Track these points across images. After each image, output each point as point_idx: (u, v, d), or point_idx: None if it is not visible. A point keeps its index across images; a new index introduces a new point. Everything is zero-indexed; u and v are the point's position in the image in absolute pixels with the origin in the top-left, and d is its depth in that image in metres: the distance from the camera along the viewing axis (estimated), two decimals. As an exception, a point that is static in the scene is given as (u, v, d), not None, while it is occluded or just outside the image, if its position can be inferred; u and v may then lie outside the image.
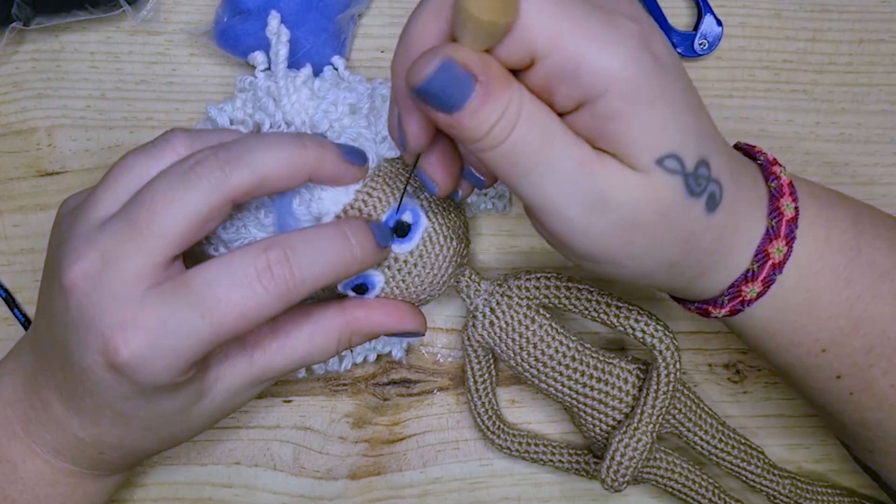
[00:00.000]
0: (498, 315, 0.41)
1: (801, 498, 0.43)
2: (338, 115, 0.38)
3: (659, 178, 0.29)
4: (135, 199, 0.32)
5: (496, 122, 0.27)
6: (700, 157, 0.30)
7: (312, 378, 0.45)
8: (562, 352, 0.40)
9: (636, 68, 0.27)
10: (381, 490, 0.45)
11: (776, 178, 0.34)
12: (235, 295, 0.31)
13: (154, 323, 0.30)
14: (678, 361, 0.40)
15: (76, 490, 0.37)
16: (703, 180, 0.30)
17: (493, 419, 0.43)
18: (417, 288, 0.38)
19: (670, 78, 0.28)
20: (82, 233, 0.32)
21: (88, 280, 0.31)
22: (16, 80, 0.45)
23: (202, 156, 0.32)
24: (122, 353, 0.30)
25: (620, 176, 0.28)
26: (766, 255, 0.33)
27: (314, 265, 0.32)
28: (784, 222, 0.33)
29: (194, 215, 0.31)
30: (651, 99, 0.28)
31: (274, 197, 0.36)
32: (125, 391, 0.32)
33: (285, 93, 0.39)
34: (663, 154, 0.28)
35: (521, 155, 0.28)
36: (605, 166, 0.28)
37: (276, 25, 0.39)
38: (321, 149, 0.33)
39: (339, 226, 0.34)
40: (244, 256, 0.31)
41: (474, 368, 0.42)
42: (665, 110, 0.28)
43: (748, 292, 0.34)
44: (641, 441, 0.40)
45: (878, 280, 0.35)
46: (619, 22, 0.27)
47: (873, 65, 0.46)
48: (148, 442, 0.36)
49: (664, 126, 0.28)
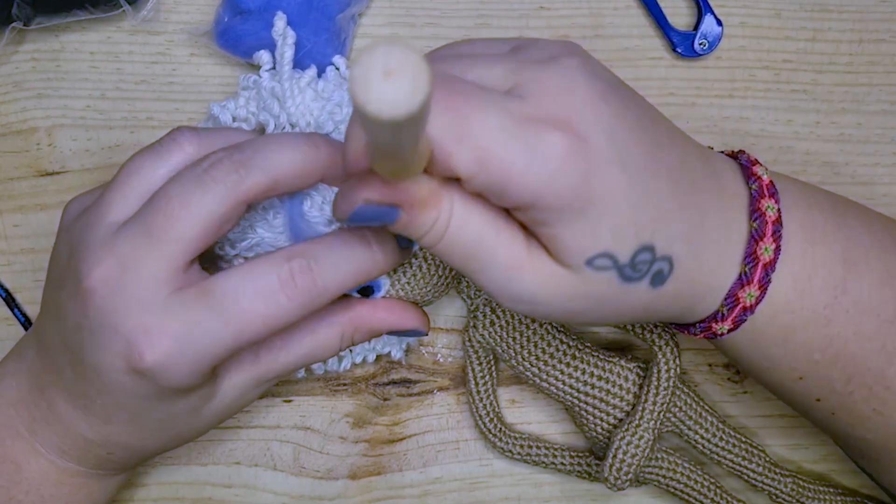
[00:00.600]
0: (499, 314, 0.41)
1: (803, 497, 0.43)
2: (343, 117, 0.38)
3: (590, 274, 0.29)
4: (150, 204, 0.32)
5: (428, 231, 0.28)
6: (639, 246, 0.29)
7: (312, 378, 0.45)
8: (562, 350, 0.40)
9: (562, 184, 0.27)
10: (381, 490, 0.45)
11: (761, 214, 0.33)
12: (259, 305, 0.31)
13: (179, 330, 0.31)
14: (678, 358, 0.40)
15: (80, 489, 0.37)
16: (644, 265, 0.30)
17: (494, 421, 0.43)
18: (422, 290, 0.38)
19: (608, 173, 0.28)
20: (98, 238, 0.32)
21: (108, 285, 0.31)
22: (16, 80, 0.45)
23: (216, 158, 0.32)
24: (146, 358, 0.31)
25: (550, 275, 0.29)
26: (735, 300, 0.32)
27: (337, 274, 0.32)
28: (760, 267, 0.32)
29: (210, 218, 0.31)
30: (580, 208, 0.28)
31: (284, 199, 0.36)
32: (141, 393, 0.32)
33: (290, 94, 0.38)
34: (593, 255, 0.29)
35: (456, 254, 0.29)
36: (534, 266, 0.29)
37: (282, 27, 0.39)
38: (333, 150, 0.33)
39: (362, 232, 0.34)
40: (267, 266, 0.32)
41: (475, 369, 0.42)
42: (595, 215, 0.28)
43: (718, 329, 0.33)
44: (643, 438, 0.40)
45: (862, 317, 0.34)
46: (544, 138, 0.27)
47: (873, 65, 0.46)
48: (155, 442, 0.36)
49: (594, 230, 0.28)
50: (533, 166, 0.26)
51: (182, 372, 0.31)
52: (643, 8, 0.45)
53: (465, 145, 0.26)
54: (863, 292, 0.34)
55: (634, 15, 0.46)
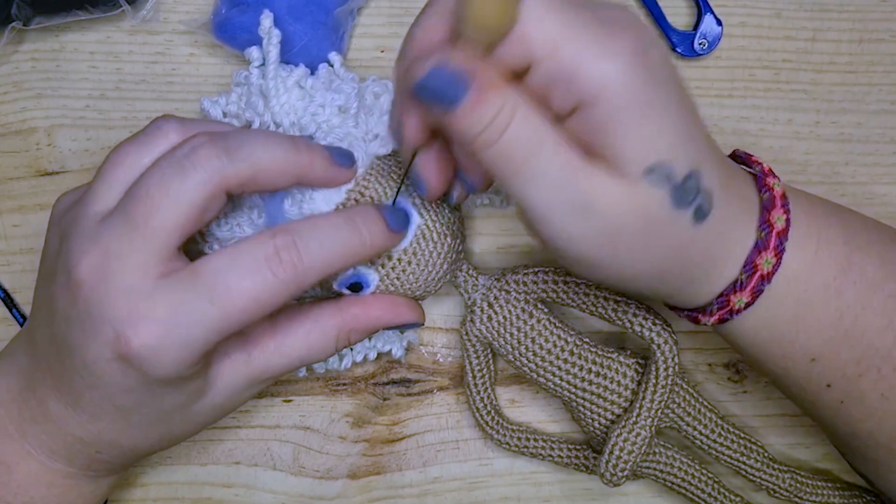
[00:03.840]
0: (496, 310, 0.41)
1: (801, 492, 0.43)
2: (326, 118, 0.39)
3: (645, 188, 0.29)
4: (131, 194, 0.32)
5: (489, 122, 0.28)
6: (690, 169, 0.30)
7: (312, 378, 0.45)
8: (560, 346, 0.41)
9: (629, 80, 0.28)
10: (381, 490, 0.45)
11: (769, 189, 0.34)
12: (245, 281, 0.31)
13: (165, 313, 0.31)
14: (676, 355, 0.40)
15: (71, 491, 0.37)
16: (692, 192, 0.30)
17: (491, 414, 0.43)
18: (413, 285, 0.38)
19: (665, 90, 0.29)
20: (83, 230, 0.32)
21: (94, 276, 0.31)
22: (15, 80, 0.45)
23: (197, 143, 0.32)
24: (133, 344, 0.31)
25: (606, 184, 0.29)
26: (754, 267, 0.33)
27: (322, 250, 0.32)
28: (774, 234, 0.33)
29: (191, 205, 0.31)
30: (642, 110, 0.28)
31: (265, 197, 0.36)
32: (130, 384, 0.32)
33: (275, 93, 0.39)
34: (651, 164, 0.29)
35: (512, 156, 0.29)
36: (591, 174, 0.29)
37: (267, 26, 0.39)
38: (311, 153, 0.34)
39: (349, 213, 0.34)
40: (252, 243, 0.32)
41: (473, 364, 0.42)
42: (656, 122, 0.29)
43: (736, 302, 0.34)
44: (640, 435, 0.40)
45: (869, 291, 0.35)
46: (616, 33, 0.28)
47: (873, 64, 0.46)
48: (146, 440, 0.36)
49: (654, 137, 0.29)
50: (604, 57, 0.27)
51: (170, 357, 0.31)
52: (643, 7, 0.45)
53: (541, 27, 0.27)
54: (867, 267, 0.35)
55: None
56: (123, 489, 0.45)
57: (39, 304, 0.36)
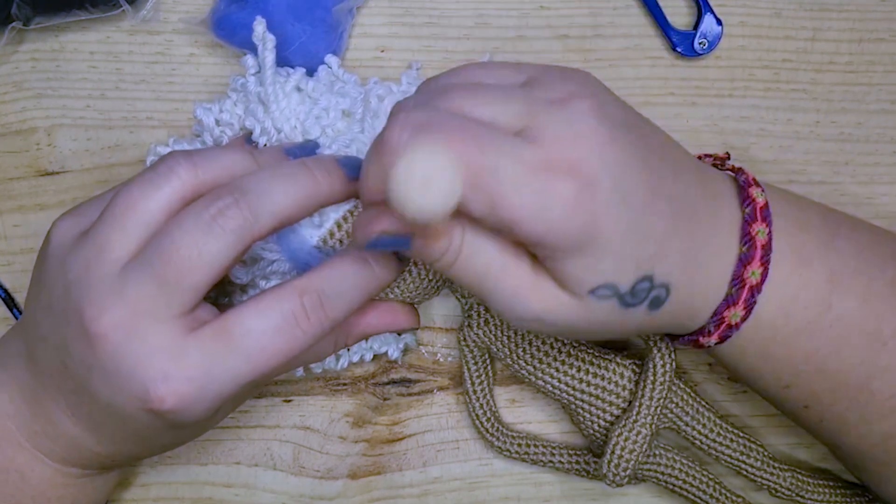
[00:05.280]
0: (493, 314, 0.41)
1: (802, 491, 0.43)
2: (330, 121, 0.38)
3: (592, 302, 0.30)
4: (157, 250, 0.31)
5: (439, 258, 0.30)
6: (639, 277, 0.31)
7: (312, 378, 0.45)
8: (557, 348, 0.41)
9: (567, 227, 0.28)
10: (381, 490, 0.45)
11: (751, 201, 0.34)
12: (278, 341, 0.32)
13: (198, 373, 0.31)
14: (673, 354, 0.40)
15: (84, 488, 0.38)
16: (643, 292, 0.31)
17: (491, 421, 0.43)
18: (411, 293, 0.38)
19: (612, 214, 0.29)
20: (102, 279, 0.32)
21: (120, 332, 0.31)
22: (15, 80, 0.45)
23: (223, 205, 0.31)
24: (167, 403, 0.31)
25: (556, 297, 0.30)
26: (721, 319, 0.34)
27: (344, 301, 0.34)
28: (746, 289, 0.34)
29: (221, 265, 0.32)
30: (584, 246, 0.29)
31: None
32: (157, 427, 0.33)
33: (274, 99, 0.39)
34: (595, 286, 0.30)
35: (468, 279, 0.31)
36: (540, 289, 0.30)
37: (261, 31, 0.39)
38: (329, 176, 0.34)
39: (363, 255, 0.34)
40: (281, 302, 0.32)
41: (471, 369, 0.43)
42: (599, 252, 0.29)
43: (705, 342, 0.35)
44: (640, 434, 0.40)
45: (844, 333, 0.35)
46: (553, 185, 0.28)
47: (873, 64, 0.46)
48: (160, 450, 0.39)
49: (597, 265, 0.30)
50: (541, 212, 0.28)
51: (201, 409, 0.32)
52: (643, 7, 0.45)
53: (479, 193, 0.28)
54: (846, 310, 0.35)
55: (634, 14, 0.46)
56: (123, 489, 0.45)
57: (38, 328, 0.35)
